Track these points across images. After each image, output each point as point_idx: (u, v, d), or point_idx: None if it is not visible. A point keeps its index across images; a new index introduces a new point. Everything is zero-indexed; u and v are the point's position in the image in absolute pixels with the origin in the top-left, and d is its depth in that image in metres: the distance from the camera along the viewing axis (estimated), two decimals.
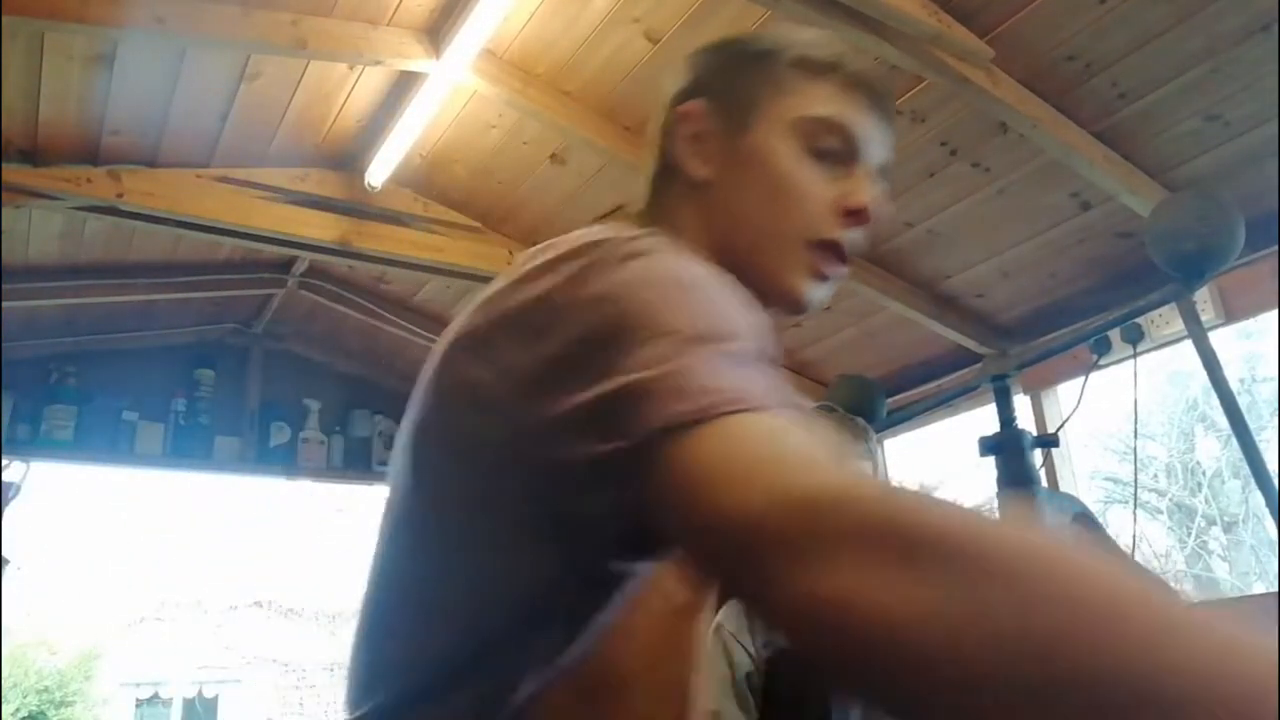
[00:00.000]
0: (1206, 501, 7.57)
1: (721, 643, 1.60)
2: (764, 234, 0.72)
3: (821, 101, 0.73)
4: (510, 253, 3.02)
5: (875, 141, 0.74)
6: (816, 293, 0.73)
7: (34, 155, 2.48)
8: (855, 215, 0.72)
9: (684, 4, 2.11)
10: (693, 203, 0.75)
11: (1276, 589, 2.55)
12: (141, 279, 3.30)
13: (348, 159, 2.83)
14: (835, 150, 0.73)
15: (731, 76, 0.76)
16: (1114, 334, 2.25)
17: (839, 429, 1.58)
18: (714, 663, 1.59)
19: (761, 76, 0.75)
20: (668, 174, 0.77)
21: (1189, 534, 7.66)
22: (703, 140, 0.75)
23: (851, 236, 0.73)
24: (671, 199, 0.76)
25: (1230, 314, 2.41)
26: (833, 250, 0.72)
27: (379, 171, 2.74)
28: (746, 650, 1.57)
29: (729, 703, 1.55)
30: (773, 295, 0.72)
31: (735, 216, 0.73)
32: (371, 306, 3.65)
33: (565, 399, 0.51)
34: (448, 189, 2.98)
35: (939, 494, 0.41)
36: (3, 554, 3.46)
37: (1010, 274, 2.72)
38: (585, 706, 0.62)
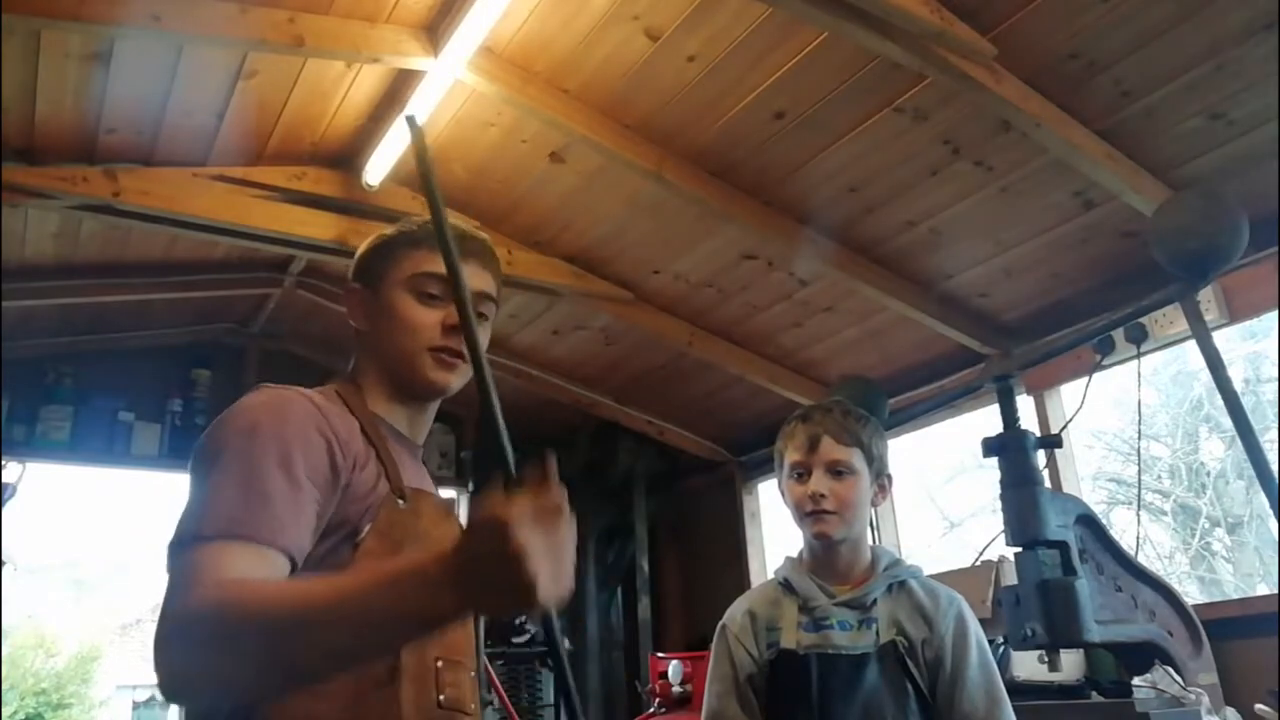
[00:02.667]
0: (1211, 503, 7.53)
1: (725, 644, 1.59)
2: (400, 351, 1.15)
3: (419, 262, 1.15)
4: (510, 252, 3.00)
5: (469, 276, 1.09)
6: (445, 376, 1.14)
7: (30, 154, 2.47)
8: (453, 328, 1.13)
9: (684, 1, 2.09)
10: (365, 345, 1.20)
11: (1277, 590, 2.53)
12: (137, 279, 3.29)
13: (345, 157, 2.81)
14: (435, 291, 1.14)
15: (369, 261, 1.21)
16: (1118, 334, 2.22)
17: (849, 420, 1.58)
18: (718, 663, 1.59)
19: (384, 255, 1.19)
20: (355, 332, 1.21)
21: (1193, 535, 7.63)
22: (359, 305, 1.20)
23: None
24: (358, 346, 1.21)
25: (1234, 314, 2.39)
26: (445, 351, 1.14)
27: (376, 170, 2.72)
28: (749, 652, 1.56)
29: (731, 703, 1.54)
30: (419, 385, 1.15)
31: (384, 346, 1.17)
32: None
33: None
34: (446, 188, 2.96)
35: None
36: (1, 555, 3.44)
37: (1013, 273, 2.70)
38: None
